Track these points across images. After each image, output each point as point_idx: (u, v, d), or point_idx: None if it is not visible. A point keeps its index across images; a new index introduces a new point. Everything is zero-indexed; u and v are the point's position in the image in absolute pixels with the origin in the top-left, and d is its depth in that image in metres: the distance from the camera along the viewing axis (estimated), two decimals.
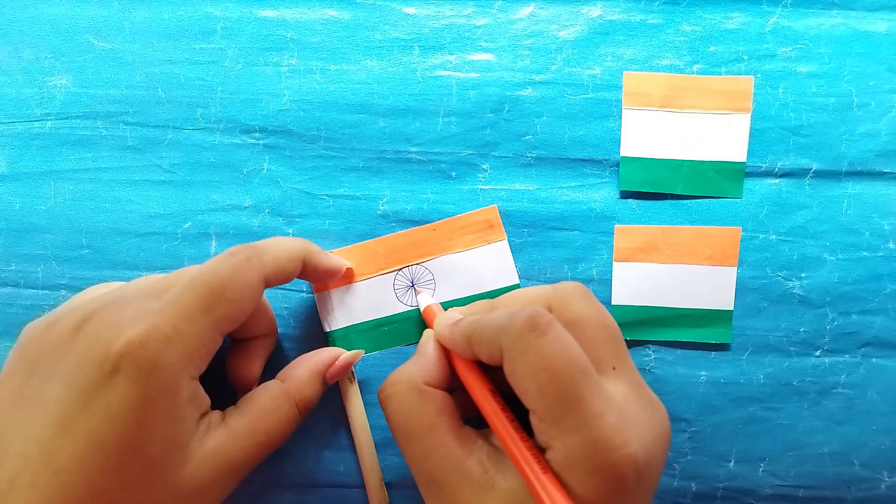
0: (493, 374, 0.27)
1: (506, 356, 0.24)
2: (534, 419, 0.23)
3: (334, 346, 0.34)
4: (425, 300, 0.33)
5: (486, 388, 0.26)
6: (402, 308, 0.34)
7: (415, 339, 0.34)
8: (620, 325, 0.34)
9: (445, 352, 0.29)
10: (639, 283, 0.34)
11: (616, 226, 0.34)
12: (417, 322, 0.34)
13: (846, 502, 0.34)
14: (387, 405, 0.27)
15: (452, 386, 0.29)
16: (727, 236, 0.34)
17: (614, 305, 0.34)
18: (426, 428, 0.26)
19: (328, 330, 0.34)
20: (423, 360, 0.28)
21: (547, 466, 0.23)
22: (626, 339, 0.34)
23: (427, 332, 0.30)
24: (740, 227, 0.34)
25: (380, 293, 0.34)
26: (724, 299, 0.34)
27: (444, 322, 0.29)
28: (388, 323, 0.34)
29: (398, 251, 0.34)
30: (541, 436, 0.23)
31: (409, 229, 0.34)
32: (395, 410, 0.27)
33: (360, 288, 0.34)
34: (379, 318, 0.34)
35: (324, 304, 0.34)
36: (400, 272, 0.34)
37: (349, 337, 0.34)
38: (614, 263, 0.34)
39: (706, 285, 0.34)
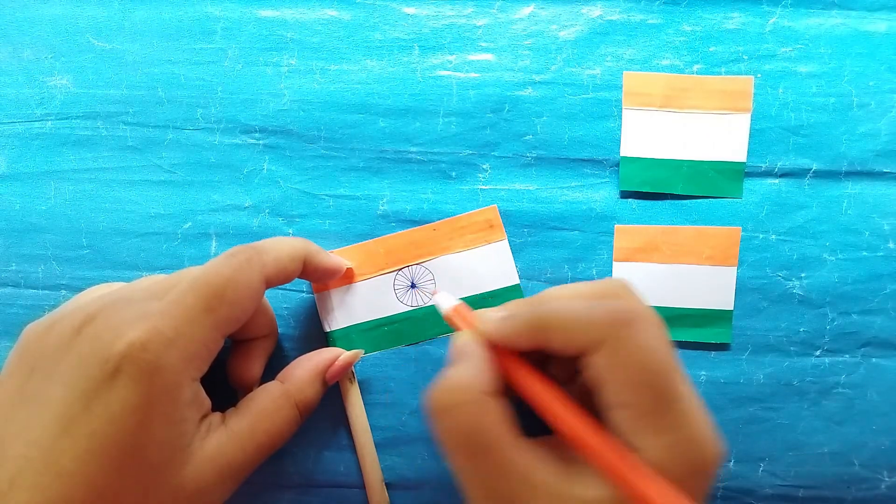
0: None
1: (602, 348, 0.22)
2: (622, 416, 0.22)
3: (334, 346, 0.34)
4: (447, 300, 0.29)
5: (557, 391, 0.24)
6: (402, 308, 0.34)
7: (415, 340, 0.34)
8: None
9: (495, 355, 0.26)
10: (639, 283, 0.34)
11: (616, 226, 0.34)
12: (418, 322, 0.34)
13: (846, 502, 0.34)
14: (444, 419, 0.24)
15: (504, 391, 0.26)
16: (727, 236, 0.34)
17: None
18: (493, 441, 0.23)
19: (328, 330, 0.34)
20: (476, 364, 0.25)
21: (650, 471, 0.21)
22: None
23: (463, 335, 0.27)
24: (740, 227, 0.34)
25: (380, 293, 0.34)
26: (724, 299, 0.34)
27: (493, 317, 0.26)
28: (389, 323, 0.34)
29: (398, 251, 0.34)
30: (631, 435, 0.22)
31: (409, 229, 0.34)
32: (457, 424, 0.23)
33: (361, 288, 0.34)
34: (379, 319, 0.34)
35: (324, 304, 0.34)
36: (400, 272, 0.34)
37: (349, 337, 0.34)
38: (614, 263, 0.34)
39: (706, 285, 0.34)
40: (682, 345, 0.34)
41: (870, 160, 0.34)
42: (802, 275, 0.34)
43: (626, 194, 0.35)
